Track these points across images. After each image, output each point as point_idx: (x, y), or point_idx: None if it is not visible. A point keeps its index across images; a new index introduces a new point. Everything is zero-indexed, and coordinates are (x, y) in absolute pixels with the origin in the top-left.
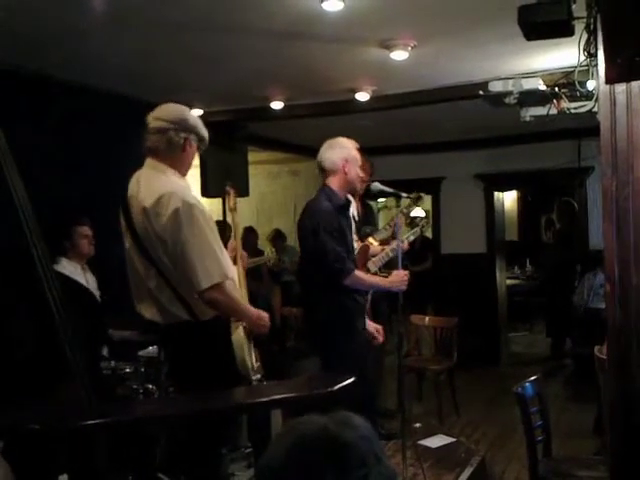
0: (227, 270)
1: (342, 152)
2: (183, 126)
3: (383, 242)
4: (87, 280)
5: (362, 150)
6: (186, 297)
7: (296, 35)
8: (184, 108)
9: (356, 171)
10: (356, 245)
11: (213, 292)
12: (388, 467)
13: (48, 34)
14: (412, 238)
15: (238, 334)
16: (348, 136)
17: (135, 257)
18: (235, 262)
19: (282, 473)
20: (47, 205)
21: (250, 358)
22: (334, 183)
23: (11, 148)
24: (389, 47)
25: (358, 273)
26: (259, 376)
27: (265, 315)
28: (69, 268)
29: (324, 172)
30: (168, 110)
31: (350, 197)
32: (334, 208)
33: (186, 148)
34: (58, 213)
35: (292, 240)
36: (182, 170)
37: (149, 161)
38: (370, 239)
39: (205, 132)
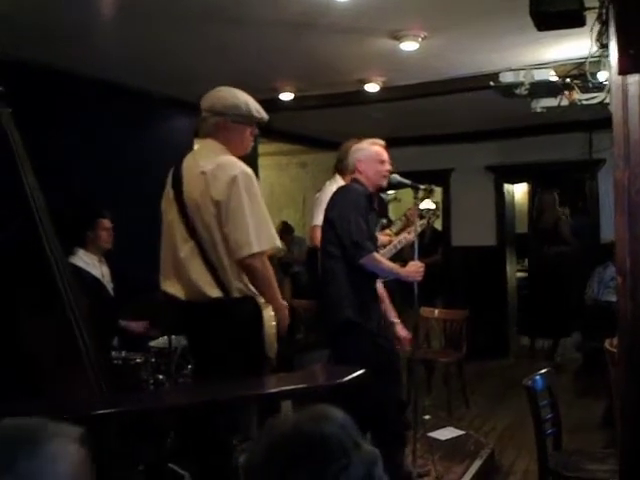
0: (278, 240)
1: (356, 154)
2: (214, 111)
3: (400, 230)
4: (102, 273)
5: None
6: (219, 270)
7: (306, 26)
8: (215, 94)
9: (373, 168)
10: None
11: (257, 259)
12: (368, 451)
13: (58, 27)
14: (419, 230)
15: (268, 313)
16: (357, 127)
17: (176, 228)
18: None
19: (262, 475)
20: (65, 198)
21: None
22: (359, 178)
23: (26, 141)
24: (399, 38)
25: (376, 255)
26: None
27: (287, 315)
28: (85, 259)
29: (352, 173)
30: (204, 99)
31: None
32: (364, 193)
33: (220, 130)
34: (77, 206)
35: (299, 231)
36: (233, 150)
37: (202, 142)
38: (387, 231)
39: (243, 108)
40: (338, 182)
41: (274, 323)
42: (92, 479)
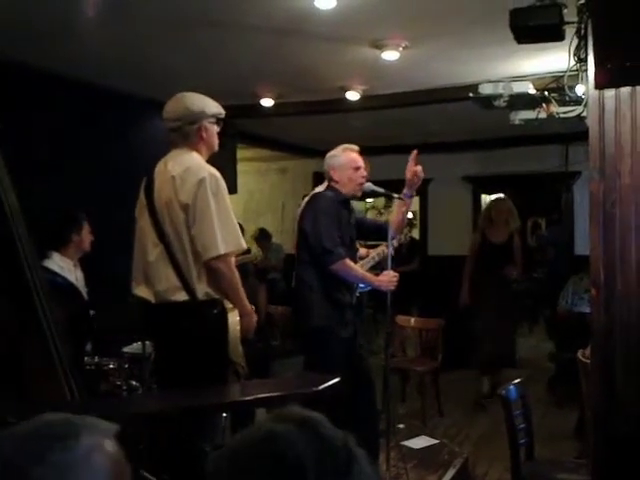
0: (243, 242)
1: (330, 160)
2: (190, 118)
3: (369, 245)
4: (77, 277)
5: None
6: (185, 273)
7: (288, 32)
8: (185, 100)
9: (347, 176)
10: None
11: (222, 261)
12: (364, 453)
13: (45, 29)
14: (396, 244)
15: (233, 317)
16: (337, 135)
17: (147, 233)
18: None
19: (247, 466)
20: (47, 200)
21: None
22: (334, 184)
23: (7, 142)
24: (380, 47)
25: (348, 262)
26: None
27: (255, 317)
28: (60, 263)
29: (328, 181)
30: (173, 108)
31: None
32: (337, 199)
33: (202, 135)
34: (62, 208)
35: (278, 238)
36: (204, 152)
37: (175, 150)
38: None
39: (214, 108)
40: None
41: (238, 327)
42: (128, 477)
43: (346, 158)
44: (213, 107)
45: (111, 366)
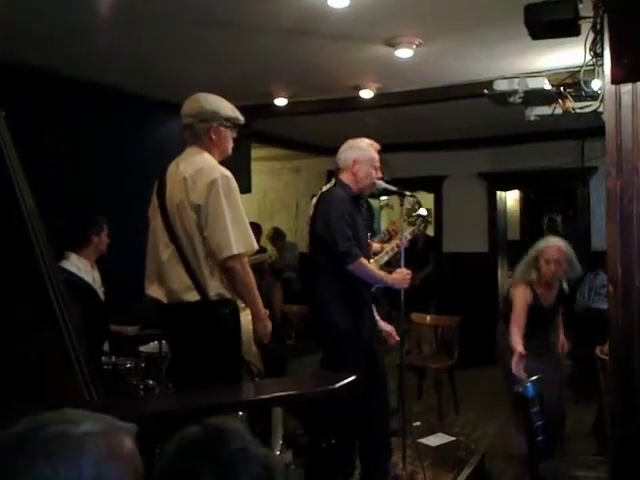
0: (255, 243)
1: (354, 152)
2: (202, 116)
3: (383, 241)
4: (93, 277)
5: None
6: (197, 274)
7: (301, 32)
8: (201, 98)
9: (366, 172)
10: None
11: (236, 261)
12: (269, 452)
13: (55, 31)
14: (409, 237)
15: (246, 316)
16: (351, 134)
17: (160, 234)
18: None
19: (173, 461)
20: (63, 203)
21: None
22: (345, 178)
23: (20, 144)
24: (394, 45)
25: (364, 261)
26: (259, 365)
27: (269, 323)
28: (78, 264)
29: (339, 169)
30: (189, 105)
31: None
32: (348, 197)
33: (211, 136)
34: (82, 211)
35: (292, 237)
36: (215, 154)
37: (187, 149)
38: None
39: (229, 111)
40: None
41: (251, 327)
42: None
43: (370, 155)
44: (228, 110)
45: (128, 366)
